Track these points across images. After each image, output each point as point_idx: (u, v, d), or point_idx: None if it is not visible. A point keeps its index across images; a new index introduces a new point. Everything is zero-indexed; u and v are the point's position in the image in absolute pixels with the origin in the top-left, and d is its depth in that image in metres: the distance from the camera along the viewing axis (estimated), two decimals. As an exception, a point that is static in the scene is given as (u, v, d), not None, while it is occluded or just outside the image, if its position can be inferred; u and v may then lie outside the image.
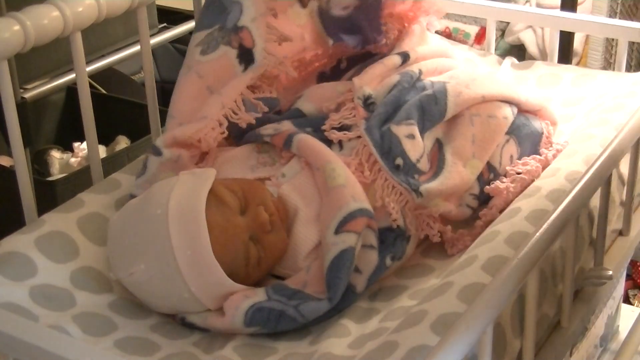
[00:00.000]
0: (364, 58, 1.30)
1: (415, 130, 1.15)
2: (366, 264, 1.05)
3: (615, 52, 1.57)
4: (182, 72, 1.25)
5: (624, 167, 1.19)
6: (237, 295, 1.01)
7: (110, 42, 1.89)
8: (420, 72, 1.23)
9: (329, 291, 1.01)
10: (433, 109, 1.17)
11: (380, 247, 1.06)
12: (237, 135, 1.22)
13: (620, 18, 2.19)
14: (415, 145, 1.14)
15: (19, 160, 1.16)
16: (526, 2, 2.36)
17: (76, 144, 1.89)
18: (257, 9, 1.24)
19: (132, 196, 1.14)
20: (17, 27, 1.10)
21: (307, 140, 1.13)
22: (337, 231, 1.03)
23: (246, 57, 1.23)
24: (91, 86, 1.37)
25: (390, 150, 1.13)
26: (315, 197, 1.09)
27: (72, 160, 1.88)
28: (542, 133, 1.22)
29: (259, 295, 1.01)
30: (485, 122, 1.18)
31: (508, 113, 1.20)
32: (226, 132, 1.19)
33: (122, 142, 1.94)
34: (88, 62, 1.32)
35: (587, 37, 2.44)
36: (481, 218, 1.14)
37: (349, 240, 1.02)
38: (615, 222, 1.20)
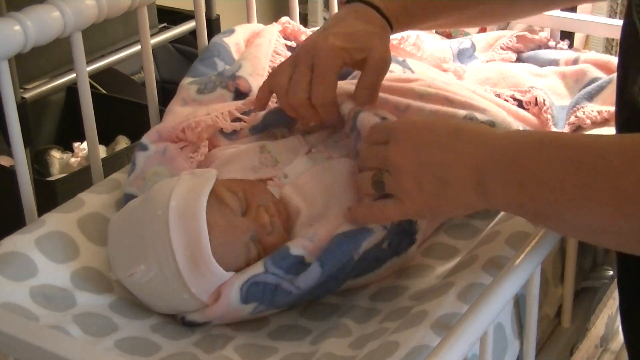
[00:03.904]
0: None
1: None
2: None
3: (616, 52, 1.56)
4: (176, 102, 1.30)
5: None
6: (232, 276, 1.01)
7: (110, 42, 1.89)
8: None
9: (324, 255, 0.99)
10: None
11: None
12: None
13: (620, 18, 2.20)
14: None
15: (19, 160, 1.15)
16: (526, 2, 2.36)
17: (76, 144, 1.89)
18: (255, 68, 1.33)
19: (127, 195, 1.15)
20: (17, 27, 1.10)
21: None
22: None
23: (242, 99, 1.28)
24: (91, 86, 1.37)
25: None
26: (318, 198, 1.09)
27: (72, 160, 1.88)
28: None
29: (256, 268, 1.00)
30: None
31: None
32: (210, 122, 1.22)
33: (122, 142, 1.94)
34: (88, 62, 1.31)
35: (587, 37, 2.44)
36: None
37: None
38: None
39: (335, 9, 1.68)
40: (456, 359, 0.79)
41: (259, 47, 1.39)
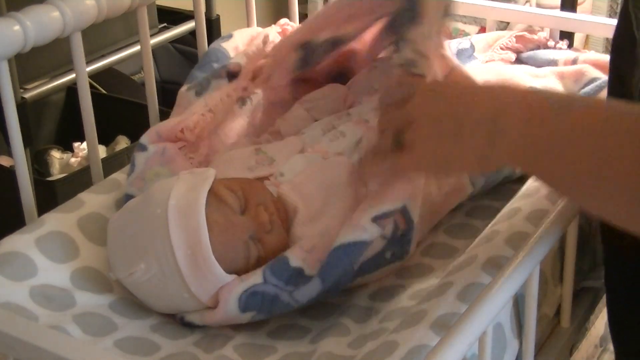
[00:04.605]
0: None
1: None
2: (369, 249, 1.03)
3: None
4: (177, 112, 1.30)
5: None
6: (232, 281, 1.01)
7: (110, 42, 1.89)
8: None
9: (325, 269, 0.99)
10: None
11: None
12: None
13: (620, 18, 2.19)
14: None
15: (19, 160, 1.16)
16: (526, 2, 2.37)
17: (76, 144, 1.89)
18: (247, 57, 1.34)
19: (127, 195, 1.15)
20: (17, 27, 1.10)
21: None
22: (376, 219, 1.01)
23: (233, 77, 1.30)
24: (91, 86, 1.37)
25: None
26: (316, 196, 1.09)
27: (72, 160, 1.88)
28: None
29: (254, 278, 1.00)
30: None
31: None
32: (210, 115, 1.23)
33: (122, 142, 1.94)
34: (88, 62, 1.32)
35: (587, 37, 2.44)
36: None
37: (374, 233, 1.01)
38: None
39: (335, 9, 1.67)
40: (455, 359, 0.79)
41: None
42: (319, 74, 1.32)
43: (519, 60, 1.45)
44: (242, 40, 1.45)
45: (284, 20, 1.50)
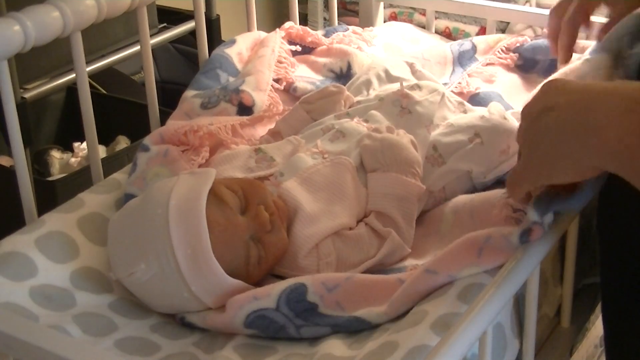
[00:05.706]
0: None
1: None
2: None
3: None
4: (179, 116, 1.31)
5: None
6: (245, 295, 1.01)
7: (110, 42, 1.88)
8: None
9: (341, 327, 0.99)
10: None
11: None
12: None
13: (620, 18, 2.18)
14: None
15: (19, 160, 1.16)
16: (526, 2, 2.36)
17: (76, 144, 1.89)
18: (259, 84, 1.34)
19: (127, 194, 1.15)
20: (17, 27, 1.10)
21: None
22: None
23: (245, 113, 1.31)
24: (91, 86, 1.37)
25: None
26: (316, 196, 1.09)
27: (72, 160, 1.88)
28: None
29: (268, 300, 1.00)
30: None
31: None
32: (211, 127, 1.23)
33: (122, 142, 1.93)
34: (88, 62, 1.32)
35: (587, 37, 2.44)
36: None
37: None
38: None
39: (335, 9, 1.67)
40: (455, 359, 0.79)
41: (262, 59, 1.40)
42: None
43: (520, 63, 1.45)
44: (245, 45, 1.45)
45: (289, 24, 1.49)
